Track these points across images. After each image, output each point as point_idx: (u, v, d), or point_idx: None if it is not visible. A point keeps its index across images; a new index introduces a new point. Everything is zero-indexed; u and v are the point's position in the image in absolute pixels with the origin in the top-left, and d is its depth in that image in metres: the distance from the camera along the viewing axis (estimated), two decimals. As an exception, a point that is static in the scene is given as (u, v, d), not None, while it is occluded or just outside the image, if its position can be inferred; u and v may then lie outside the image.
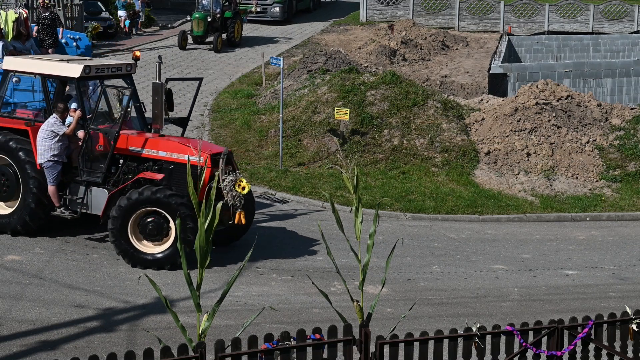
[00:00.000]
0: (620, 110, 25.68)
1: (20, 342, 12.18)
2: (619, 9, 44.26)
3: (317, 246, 17.48)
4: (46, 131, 16.12)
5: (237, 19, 36.98)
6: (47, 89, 16.90)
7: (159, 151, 16.17)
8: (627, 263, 18.22)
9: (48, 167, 16.17)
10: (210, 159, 15.75)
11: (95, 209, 16.30)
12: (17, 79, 17.54)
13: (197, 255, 8.65)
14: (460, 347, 9.78)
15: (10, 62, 17.44)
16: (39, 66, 16.91)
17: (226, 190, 15.53)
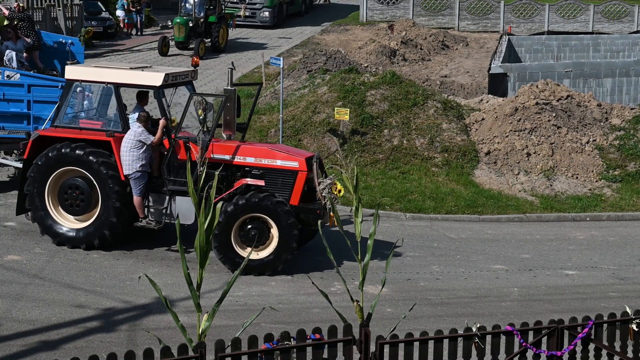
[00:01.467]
0: (620, 110, 25.68)
1: (20, 342, 12.18)
2: (619, 9, 44.26)
3: (317, 246, 17.47)
4: (133, 141, 15.84)
5: (222, 23, 35.56)
6: (120, 99, 16.46)
7: (247, 157, 16.14)
8: (627, 263, 18.22)
9: (136, 177, 15.93)
10: (306, 164, 15.92)
11: (182, 218, 16.01)
12: (81, 88, 16.95)
13: (197, 255, 8.65)
14: (460, 347, 9.78)
15: (74, 71, 16.74)
16: (112, 75, 16.47)
17: (324, 194, 15.74)
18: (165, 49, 34.44)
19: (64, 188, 16.28)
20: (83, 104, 17.59)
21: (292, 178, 15.90)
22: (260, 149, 16.27)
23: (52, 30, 32.24)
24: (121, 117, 16.44)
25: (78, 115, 17.18)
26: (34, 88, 19.14)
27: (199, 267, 8.62)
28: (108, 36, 37.22)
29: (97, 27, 36.84)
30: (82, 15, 34.66)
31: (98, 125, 16.77)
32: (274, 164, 15.94)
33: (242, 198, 15.53)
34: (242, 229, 15.67)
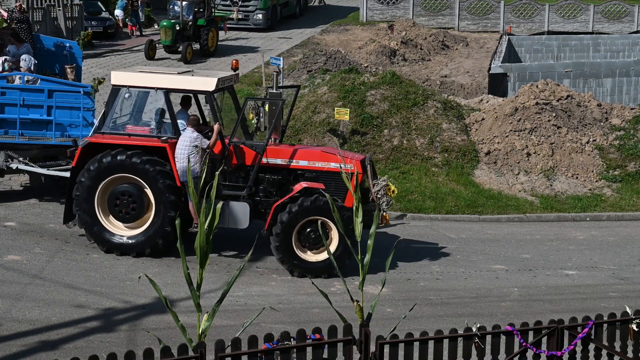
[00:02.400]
0: (620, 110, 25.68)
1: (20, 342, 12.17)
2: (619, 9, 44.26)
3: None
4: (189, 147, 15.75)
5: (211, 27, 34.46)
6: (171, 104, 16.33)
7: (300, 160, 16.21)
8: (627, 263, 18.22)
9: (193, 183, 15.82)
10: (360, 165, 16.07)
11: (235, 223, 16.08)
12: (129, 94, 16.65)
13: (197, 255, 8.65)
14: (460, 347, 9.78)
15: (121, 77, 16.42)
16: (162, 81, 16.33)
17: (379, 195, 15.86)
18: (152, 52, 33.36)
19: (115, 195, 16.03)
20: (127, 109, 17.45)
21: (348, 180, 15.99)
22: (314, 152, 16.43)
23: (52, 30, 32.24)
24: (172, 122, 16.28)
25: (124, 122, 16.89)
26: (54, 93, 18.56)
27: (199, 267, 8.62)
28: (108, 36, 37.21)
29: (97, 27, 36.83)
30: (82, 15, 34.65)
31: (146, 131, 16.49)
32: (328, 167, 16.14)
33: (306, 200, 15.60)
34: (302, 232, 15.82)
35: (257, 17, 40.47)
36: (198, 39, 34.06)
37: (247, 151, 16.27)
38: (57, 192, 19.22)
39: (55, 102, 18.45)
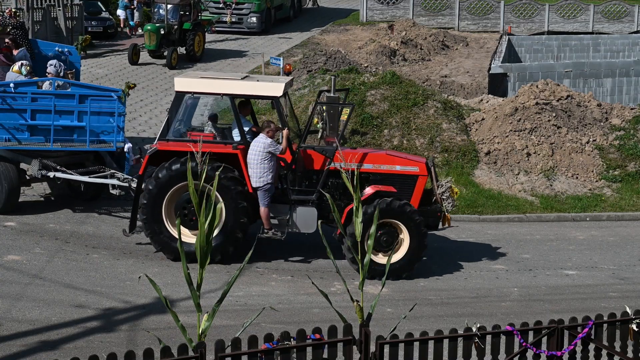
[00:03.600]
0: (620, 110, 25.68)
1: (20, 342, 12.18)
2: (619, 9, 44.26)
3: (317, 246, 17.47)
4: (263, 153, 15.71)
5: (198, 31, 33.32)
6: (237, 110, 16.31)
7: (365, 164, 16.31)
8: (627, 263, 18.22)
9: (266, 189, 15.82)
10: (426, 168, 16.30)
11: (303, 227, 16.14)
12: (192, 101, 16.54)
13: (197, 255, 8.65)
14: (460, 347, 9.79)
15: (184, 83, 16.27)
16: (228, 86, 16.30)
17: (444, 197, 16.03)
18: (136, 57, 32.37)
19: (183, 202, 15.92)
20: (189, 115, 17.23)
21: (412, 182, 16.29)
22: (379, 155, 16.56)
23: (52, 30, 32.24)
24: (239, 128, 16.25)
25: (187, 128, 16.77)
26: (85, 99, 18.16)
27: (199, 267, 8.63)
28: (108, 36, 37.20)
29: (97, 27, 36.80)
30: (82, 15, 34.62)
31: (209, 137, 16.38)
32: (394, 170, 16.28)
33: (378, 203, 15.60)
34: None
35: (251, 20, 39.56)
36: (184, 44, 33.05)
37: (316, 156, 16.35)
38: (74, 197, 19.06)
39: (89, 107, 17.99)
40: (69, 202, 19.06)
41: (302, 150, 16.29)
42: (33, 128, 18.02)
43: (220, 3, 39.22)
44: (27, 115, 17.88)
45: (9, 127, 17.86)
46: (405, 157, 17.09)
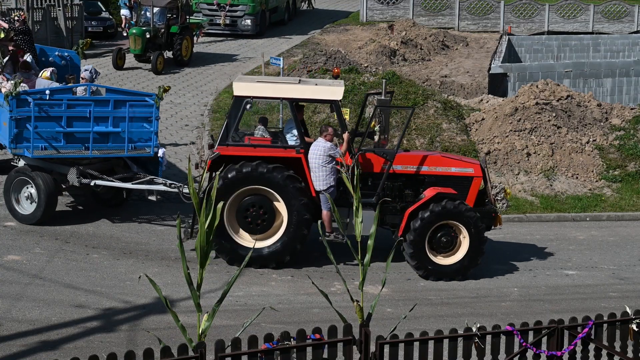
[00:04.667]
0: (620, 110, 25.69)
1: (20, 342, 12.18)
2: (619, 9, 44.26)
3: (317, 246, 17.46)
4: (324, 157, 15.82)
5: (185, 34, 32.11)
6: (296, 114, 16.32)
7: (421, 166, 16.49)
8: (627, 263, 18.23)
9: (328, 192, 15.89)
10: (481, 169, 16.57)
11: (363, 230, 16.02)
12: (250, 105, 16.39)
13: (197, 255, 8.65)
14: (460, 347, 9.79)
15: (244, 88, 16.23)
16: (287, 90, 16.32)
17: (499, 198, 16.24)
18: (121, 61, 31.10)
19: (245, 207, 15.94)
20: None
21: (467, 184, 16.52)
22: (434, 158, 16.72)
23: (52, 30, 32.23)
24: (299, 132, 16.29)
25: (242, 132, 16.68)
26: (121, 104, 17.79)
27: (199, 267, 8.62)
28: (108, 36, 37.17)
29: (97, 27, 36.76)
30: (82, 15, 34.60)
31: (267, 141, 16.40)
32: (449, 172, 16.51)
33: (438, 205, 15.87)
34: (433, 236, 16.08)
35: (245, 23, 38.53)
36: (171, 48, 31.87)
37: (375, 158, 16.45)
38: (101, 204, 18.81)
39: (127, 113, 17.67)
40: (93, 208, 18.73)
41: (362, 153, 16.43)
42: (69, 135, 17.50)
43: (214, 5, 38.34)
44: (63, 122, 17.35)
45: (46, 136, 17.31)
46: (459, 158, 17.38)
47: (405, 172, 16.49)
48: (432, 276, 16.20)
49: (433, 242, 16.12)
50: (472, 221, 16.03)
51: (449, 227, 16.11)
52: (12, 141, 17.17)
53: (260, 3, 38.67)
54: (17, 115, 17.06)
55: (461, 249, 16.20)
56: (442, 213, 15.91)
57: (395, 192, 16.49)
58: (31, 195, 17.39)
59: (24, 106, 17.08)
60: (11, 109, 16.98)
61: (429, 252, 16.12)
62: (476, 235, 16.09)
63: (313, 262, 16.75)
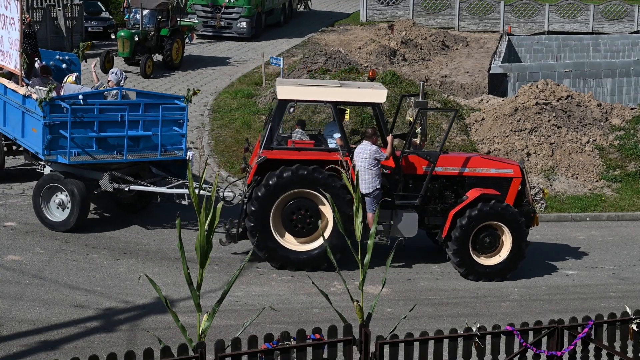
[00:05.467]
0: (620, 110, 25.69)
1: (20, 342, 12.19)
2: (619, 9, 44.26)
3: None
4: (370, 160, 15.90)
5: (176, 37, 31.21)
6: (339, 116, 16.36)
7: (461, 167, 16.65)
8: (627, 263, 18.23)
9: (374, 195, 15.97)
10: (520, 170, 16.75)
11: (404, 232, 16.39)
12: (293, 109, 16.34)
13: (197, 255, 8.66)
14: (460, 347, 9.79)
15: (287, 91, 16.28)
16: (331, 94, 16.33)
17: (537, 198, 16.33)
18: (109, 65, 29.05)
19: (291, 210, 15.96)
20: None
21: (507, 185, 16.68)
22: (474, 159, 16.91)
23: (52, 29, 32.24)
24: (343, 135, 16.37)
25: (279, 135, 16.67)
26: (151, 107, 17.60)
27: (199, 267, 8.63)
28: (108, 36, 37.15)
29: (97, 27, 36.75)
30: (82, 15, 34.61)
31: (310, 144, 16.43)
32: (489, 173, 16.68)
33: (484, 206, 16.06)
34: (476, 237, 16.24)
35: (240, 26, 37.74)
36: (161, 51, 31.05)
37: (418, 160, 16.54)
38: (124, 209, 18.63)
39: (161, 116, 17.49)
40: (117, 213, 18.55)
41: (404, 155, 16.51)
42: (101, 140, 17.23)
43: (209, 7, 37.71)
44: (96, 127, 17.09)
45: (80, 141, 17.00)
46: (499, 160, 17.59)
47: (445, 173, 16.63)
48: (472, 275, 16.39)
49: (476, 243, 16.30)
50: (516, 223, 16.25)
51: (492, 228, 16.31)
52: (45, 148, 16.83)
53: (256, 5, 38.04)
54: (52, 122, 16.78)
55: (503, 250, 16.40)
56: (488, 214, 16.13)
57: (436, 193, 16.66)
58: (62, 202, 17.14)
59: (57, 112, 16.79)
60: (44, 115, 16.68)
61: (472, 252, 16.32)
62: (519, 236, 16.29)
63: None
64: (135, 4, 30.75)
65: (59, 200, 17.22)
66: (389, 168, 16.34)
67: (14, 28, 18.14)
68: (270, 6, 40.29)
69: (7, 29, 18.41)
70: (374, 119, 16.94)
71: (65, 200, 17.14)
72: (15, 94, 17.79)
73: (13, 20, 18.10)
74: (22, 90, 17.49)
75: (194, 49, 35.16)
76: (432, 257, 17.52)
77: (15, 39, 18.15)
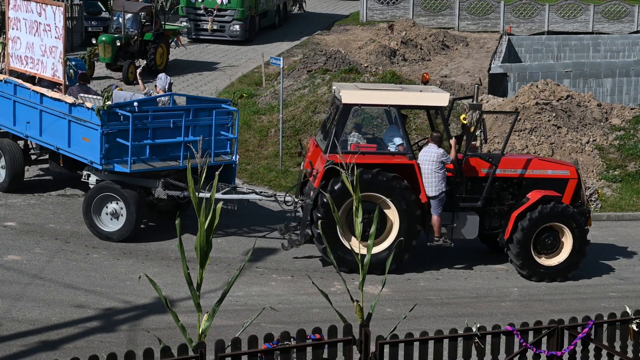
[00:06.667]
0: (620, 110, 25.68)
1: (20, 342, 12.19)
2: (619, 9, 44.26)
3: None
4: (436, 163, 16.08)
5: (160, 42, 30.24)
6: (402, 120, 16.46)
7: (517, 169, 16.84)
8: (627, 263, 18.24)
9: (440, 198, 16.14)
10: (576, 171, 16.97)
11: (466, 234, 16.66)
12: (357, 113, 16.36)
13: (197, 255, 8.66)
14: (460, 347, 9.80)
15: (352, 96, 16.28)
16: (395, 98, 16.42)
17: (592, 199, 16.42)
18: (90, 70, 27.92)
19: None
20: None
21: (563, 186, 16.87)
22: (532, 161, 17.08)
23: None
24: (406, 139, 16.46)
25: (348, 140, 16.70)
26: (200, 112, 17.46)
27: (199, 267, 8.63)
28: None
29: (97, 27, 36.74)
30: (82, 15, 34.64)
31: (373, 148, 16.58)
32: (546, 174, 16.91)
33: (546, 207, 16.28)
34: (537, 238, 16.44)
35: (233, 29, 36.86)
36: (144, 56, 30.00)
37: (477, 163, 16.70)
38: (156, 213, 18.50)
39: (214, 120, 17.42)
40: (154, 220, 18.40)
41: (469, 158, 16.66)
42: (155, 147, 17.02)
43: (201, 10, 36.80)
44: (150, 134, 16.92)
45: (135, 149, 16.75)
46: (555, 161, 17.85)
47: (503, 175, 16.81)
48: (535, 277, 16.56)
49: (537, 244, 16.49)
50: (578, 223, 16.47)
51: (552, 229, 16.50)
52: (103, 157, 16.59)
53: (249, 7, 37.20)
54: (109, 130, 16.60)
55: (564, 251, 16.60)
56: (548, 215, 16.33)
57: (494, 195, 16.83)
58: (115, 211, 16.92)
59: (114, 120, 16.61)
60: (102, 124, 16.50)
61: (534, 253, 16.51)
62: (580, 237, 16.51)
63: (313, 262, 16.76)
64: (118, 7, 30.05)
65: (112, 210, 16.98)
66: (450, 170, 16.51)
67: (50, 35, 17.95)
68: (264, 8, 39.46)
69: (41, 35, 18.19)
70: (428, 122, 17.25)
71: (118, 209, 16.89)
72: (57, 102, 17.47)
73: (49, 27, 17.88)
74: (69, 99, 17.20)
75: (183, 53, 34.56)
76: (433, 257, 17.51)
77: (52, 46, 17.94)
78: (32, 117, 18.24)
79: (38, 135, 18.23)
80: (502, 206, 16.85)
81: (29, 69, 18.84)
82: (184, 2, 36.75)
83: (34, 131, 18.29)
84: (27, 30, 18.54)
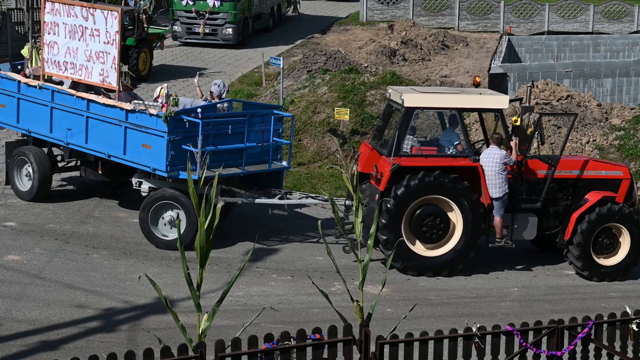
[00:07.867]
0: (620, 110, 25.68)
1: (20, 342, 12.19)
2: (619, 9, 44.26)
3: (317, 246, 17.48)
4: (500, 164, 16.23)
5: (143, 47, 29.15)
6: (464, 123, 16.75)
7: (572, 170, 17.04)
8: (627, 263, 18.22)
9: (503, 199, 16.31)
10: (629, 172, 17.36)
11: (524, 235, 16.84)
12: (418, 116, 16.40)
13: (197, 255, 8.66)
14: (460, 347, 9.80)
15: (414, 99, 16.36)
16: (455, 101, 16.59)
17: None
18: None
19: (421, 217, 16.20)
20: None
21: (617, 186, 17.07)
22: (586, 162, 17.24)
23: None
24: (467, 142, 16.73)
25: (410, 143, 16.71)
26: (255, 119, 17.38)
27: (199, 267, 8.63)
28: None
29: (97, 27, 36.59)
30: (82, 15, 34.47)
31: (433, 150, 16.74)
32: (600, 175, 17.11)
33: (604, 208, 16.51)
34: (596, 239, 16.63)
35: (226, 32, 35.84)
36: (126, 62, 27.86)
37: (535, 164, 16.87)
38: None
39: (272, 126, 17.42)
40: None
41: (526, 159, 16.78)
42: (215, 154, 16.71)
43: (192, 12, 35.90)
44: (211, 140, 16.71)
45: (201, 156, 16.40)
46: (608, 162, 18.21)
47: (559, 176, 16.96)
48: (596, 277, 16.73)
49: (595, 244, 16.66)
50: (633, 222, 16.65)
51: (610, 229, 16.68)
52: (169, 164, 16.39)
53: (242, 10, 36.33)
54: (175, 137, 16.42)
55: (622, 250, 16.78)
56: (607, 216, 16.53)
57: (550, 196, 16.96)
58: (173, 219, 16.76)
59: (178, 127, 16.43)
60: (168, 131, 16.30)
61: (594, 254, 16.68)
62: (637, 235, 16.68)
63: (313, 262, 16.76)
64: None
65: (169, 218, 16.85)
66: (510, 172, 16.60)
67: (97, 40, 17.57)
68: (257, 11, 38.62)
69: (87, 40, 17.76)
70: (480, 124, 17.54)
71: (175, 217, 16.70)
72: (110, 109, 17.19)
73: (98, 32, 17.48)
74: (128, 106, 16.92)
75: (170, 57, 34.05)
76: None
77: (99, 52, 17.57)
78: (75, 124, 17.75)
79: (83, 142, 17.71)
80: (558, 207, 17.02)
81: (70, 74, 18.24)
82: (175, 5, 35.91)
83: (77, 138, 17.78)
84: (67, 35, 18.03)
